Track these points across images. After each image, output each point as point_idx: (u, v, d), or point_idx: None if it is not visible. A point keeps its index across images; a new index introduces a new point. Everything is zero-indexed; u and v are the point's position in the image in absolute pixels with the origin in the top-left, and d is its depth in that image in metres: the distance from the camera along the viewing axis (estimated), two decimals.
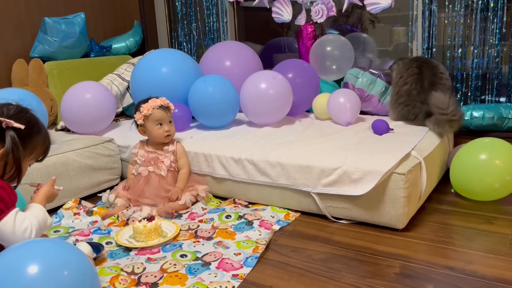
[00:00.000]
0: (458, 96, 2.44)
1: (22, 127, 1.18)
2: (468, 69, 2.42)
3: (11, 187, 1.18)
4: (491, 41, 2.31)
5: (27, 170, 1.28)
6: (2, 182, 1.15)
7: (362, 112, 2.40)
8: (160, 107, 1.92)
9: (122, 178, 2.23)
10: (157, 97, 1.95)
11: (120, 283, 1.32)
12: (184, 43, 3.38)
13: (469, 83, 2.42)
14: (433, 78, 2.10)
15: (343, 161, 1.66)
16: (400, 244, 1.51)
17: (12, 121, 1.17)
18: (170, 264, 1.42)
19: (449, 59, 2.44)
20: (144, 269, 1.41)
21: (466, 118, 2.16)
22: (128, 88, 2.73)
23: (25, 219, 1.15)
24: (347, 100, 2.18)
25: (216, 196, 2.01)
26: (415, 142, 1.78)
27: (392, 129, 2.00)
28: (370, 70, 2.41)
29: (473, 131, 2.20)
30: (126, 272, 1.39)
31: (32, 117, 1.26)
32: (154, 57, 2.40)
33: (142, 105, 1.92)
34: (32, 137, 1.23)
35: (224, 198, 2.00)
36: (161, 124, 1.93)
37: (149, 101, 1.93)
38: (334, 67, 2.52)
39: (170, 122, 1.96)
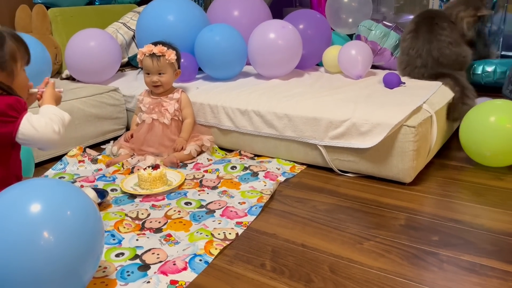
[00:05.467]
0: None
1: None
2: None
3: (17, 98, 1.12)
4: None
5: (25, 80, 1.22)
6: (7, 98, 1.10)
7: (373, 67, 2.33)
8: (150, 55, 1.86)
9: (127, 128, 2.21)
10: (157, 43, 1.90)
11: (124, 227, 1.32)
12: None
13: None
14: (430, 36, 1.98)
15: (351, 113, 1.62)
16: (406, 197, 1.49)
17: None
18: (174, 211, 1.42)
19: None
20: (149, 215, 1.41)
21: (477, 73, 2.08)
22: (133, 37, 2.66)
23: (41, 117, 1.12)
24: (358, 52, 2.11)
25: (221, 148, 2.00)
26: (427, 95, 1.72)
27: (404, 83, 1.94)
28: (383, 22, 2.31)
29: (484, 86, 2.12)
30: (130, 217, 1.39)
31: None
32: (160, 4, 2.32)
33: (139, 49, 1.90)
34: (2, 44, 1.12)
35: (229, 150, 1.98)
36: (148, 74, 1.89)
37: (145, 46, 1.88)
38: (350, 20, 2.42)
39: (160, 73, 1.88)
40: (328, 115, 1.66)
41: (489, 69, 2.06)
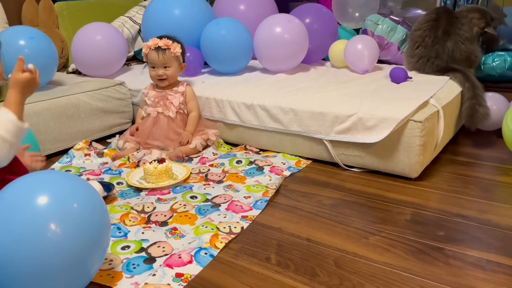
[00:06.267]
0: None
1: None
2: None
3: None
4: None
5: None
6: None
7: (380, 61, 2.32)
8: (155, 48, 1.87)
9: (133, 122, 2.21)
10: (162, 37, 1.90)
11: (130, 220, 1.33)
12: None
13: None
14: (450, 28, 1.98)
15: (358, 108, 1.62)
16: (412, 192, 1.49)
17: None
18: (180, 204, 1.43)
19: None
20: (154, 208, 1.41)
21: (488, 63, 2.07)
22: (139, 31, 2.66)
23: None
24: (365, 47, 2.09)
25: (227, 143, 2.00)
26: (434, 90, 1.71)
27: (411, 78, 1.93)
28: (390, 16, 2.30)
29: (493, 78, 2.11)
30: (136, 210, 1.40)
31: None
32: None
33: (144, 43, 1.91)
34: None
35: (235, 145, 1.98)
36: (154, 67, 1.89)
37: (150, 40, 1.89)
38: (356, 14, 2.41)
39: (166, 66, 1.88)
40: (334, 109, 1.65)
41: (500, 58, 2.05)
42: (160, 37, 1.89)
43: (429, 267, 1.09)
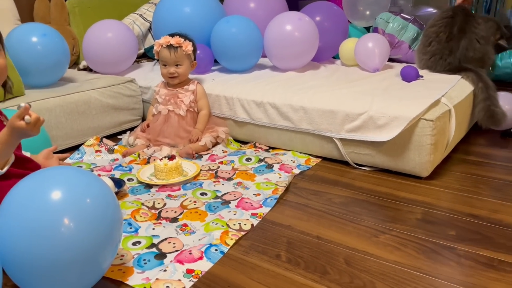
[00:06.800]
0: None
1: None
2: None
3: None
4: None
5: None
6: None
7: (391, 60, 2.31)
8: (167, 46, 1.88)
9: (144, 119, 2.23)
10: (173, 35, 1.90)
11: (140, 216, 1.34)
12: None
13: None
14: (465, 26, 1.96)
15: (368, 106, 1.61)
16: (423, 191, 1.48)
17: None
18: (190, 201, 1.44)
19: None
20: (165, 204, 1.42)
21: (505, 59, 2.05)
22: (150, 28, 2.67)
23: None
24: (376, 45, 2.08)
25: (236, 140, 2.00)
26: (446, 89, 1.70)
27: (422, 76, 1.91)
28: (401, 14, 2.28)
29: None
30: (146, 206, 1.41)
31: None
32: None
33: (155, 41, 1.92)
34: None
35: (244, 142, 1.99)
36: (165, 65, 1.90)
37: (161, 38, 1.90)
38: (367, 12, 2.40)
39: (177, 64, 1.90)
40: (345, 107, 1.65)
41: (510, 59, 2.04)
42: (172, 35, 1.90)
43: (440, 267, 1.08)
